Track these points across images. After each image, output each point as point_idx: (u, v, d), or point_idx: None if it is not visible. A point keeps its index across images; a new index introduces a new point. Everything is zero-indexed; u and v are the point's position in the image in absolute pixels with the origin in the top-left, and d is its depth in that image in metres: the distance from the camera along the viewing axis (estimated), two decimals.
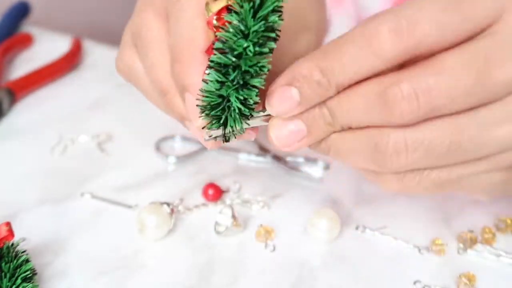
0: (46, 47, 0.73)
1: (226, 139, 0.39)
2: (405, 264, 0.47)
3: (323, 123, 0.38)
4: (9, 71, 0.69)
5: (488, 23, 0.34)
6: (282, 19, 0.35)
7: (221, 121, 0.37)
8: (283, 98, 0.37)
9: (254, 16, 0.35)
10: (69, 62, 0.69)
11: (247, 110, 0.37)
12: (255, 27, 0.35)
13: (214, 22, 0.38)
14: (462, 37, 0.35)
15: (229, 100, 0.36)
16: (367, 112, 0.36)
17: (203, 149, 0.57)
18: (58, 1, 1.01)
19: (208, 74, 0.36)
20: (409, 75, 0.35)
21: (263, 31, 0.35)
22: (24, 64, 0.70)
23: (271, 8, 0.35)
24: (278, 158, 0.55)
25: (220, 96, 0.36)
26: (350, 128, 0.38)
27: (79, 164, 0.56)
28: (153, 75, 0.43)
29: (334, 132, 0.38)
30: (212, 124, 0.38)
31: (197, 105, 0.38)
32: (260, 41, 0.35)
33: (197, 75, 0.38)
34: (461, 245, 0.48)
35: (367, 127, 0.37)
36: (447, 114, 0.35)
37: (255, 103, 0.37)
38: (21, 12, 0.76)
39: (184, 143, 0.58)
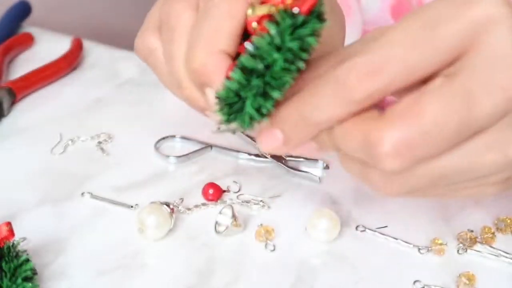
0: (46, 47, 0.73)
1: (233, 132, 0.39)
2: (405, 264, 0.47)
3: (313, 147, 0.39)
4: (10, 71, 0.69)
5: (461, 52, 0.34)
6: (318, 42, 0.36)
7: (232, 118, 0.38)
8: (269, 138, 0.38)
9: (292, 33, 0.35)
10: (69, 62, 0.69)
11: (259, 117, 0.37)
12: (290, 44, 0.35)
13: (254, 24, 0.39)
14: (434, 69, 0.34)
15: (244, 102, 0.37)
16: (353, 153, 0.36)
17: (203, 149, 0.57)
18: (58, 1, 1.01)
19: (234, 72, 0.37)
20: (391, 127, 0.34)
21: (297, 49, 0.35)
22: (25, 64, 0.70)
23: (310, 30, 0.35)
24: (278, 158, 0.55)
25: (238, 95, 0.37)
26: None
27: (79, 164, 0.56)
28: (172, 66, 0.42)
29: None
30: (225, 117, 0.38)
31: (215, 96, 0.38)
32: (291, 58, 0.36)
33: (219, 73, 0.39)
34: (461, 245, 0.48)
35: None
36: (431, 156, 0.35)
37: (268, 111, 0.37)
38: (21, 12, 0.76)
39: (184, 143, 0.58)
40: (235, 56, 0.40)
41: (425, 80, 0.35)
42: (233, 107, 0.37)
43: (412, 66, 0.34)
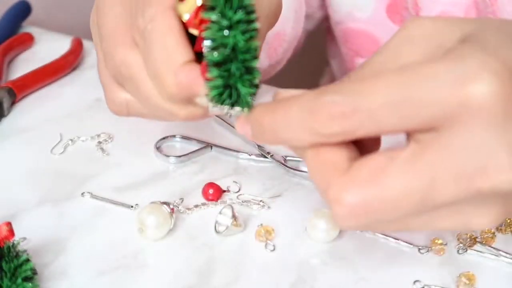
0: (46, 47, 0.73)
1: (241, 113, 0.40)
2: (405, 264, 0.47)
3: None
4: (10, 71, 0.69)
5: (438, 124, 0.33)
6: None
7: (233, 106, 0.38)
8: (242, 127, 0.39)
9: (231, 6, 0.35)
10: (69, 62, 0.69)
11: (254, 89, 0.38)
12: (237, 17, 0.36)
13: (195, 21, 0.39)
14: (404, 131, 0.34)
15: (236, 88, 0.37)
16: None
17: (203, 149, 0.57)
18: (58, 1, 1.01)
19: (209, 72, 0.37)
20: (352, 188, 0.34)
21: (244, 16, 0.36)
22: (25, 64, 0.70)
23: None
24: (278, 158, 0.55)
25: (227, 86, 0.37)
26: None
27: (79, 164, 0.56)
28: (154, 105, 0.42)
29: None
30: (228, 109, 0.39)
31: (206, 98, 0.39)
32: (245, 27, 0.36)
33: (197, 81, 0.39)
34: (461, 245, 0.48)
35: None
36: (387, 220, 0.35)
37: (259, 78, 0.38)
38: (21, 12, 0.76)
39: (184, 143, 0.58)
40: (197, 57, 0.40)
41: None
42: (230, 98, 0.38)
43: (381, 123, 0.33)
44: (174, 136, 0.59)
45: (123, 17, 0.43)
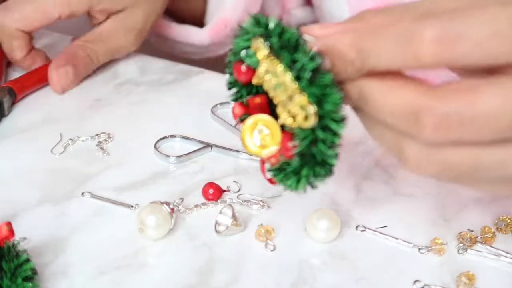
0: (46, 47, 0.73)
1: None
2: (405, 264, 0.47)
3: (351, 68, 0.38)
4: (10, 71, 0.69)
5: None
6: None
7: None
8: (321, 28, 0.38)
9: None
10: None
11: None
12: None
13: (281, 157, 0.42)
14: (505, 63, 0.34)
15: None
16: (391, 115, 0.36)
17: (203, 149, 0.57)
18: None
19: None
20: (443, 100, 0.34)
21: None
22: None
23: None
24: None
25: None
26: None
27: (79, 164, 0.56)
28: None
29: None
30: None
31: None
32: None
33: None
34: (461, 245, 0.48)
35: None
36: (472, 143, 0.35)
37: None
38: None
39: (184, 143, 0.58)
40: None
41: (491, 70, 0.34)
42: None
43: (485, 53, 0.33)
44: (174, 136, 0.59)
45: None
